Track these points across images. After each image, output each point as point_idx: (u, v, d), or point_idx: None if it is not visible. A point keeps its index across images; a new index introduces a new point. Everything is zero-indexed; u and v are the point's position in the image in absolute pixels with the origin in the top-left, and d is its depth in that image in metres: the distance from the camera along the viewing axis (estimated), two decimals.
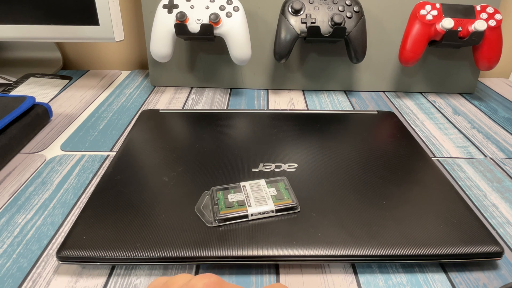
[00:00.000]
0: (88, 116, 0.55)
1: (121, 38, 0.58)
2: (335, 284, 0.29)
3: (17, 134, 0.45)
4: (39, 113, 0.50)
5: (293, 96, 0.64)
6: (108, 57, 0.77)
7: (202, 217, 0.32)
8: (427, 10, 0.56)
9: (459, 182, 0.42)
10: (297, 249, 0.29)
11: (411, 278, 0.30)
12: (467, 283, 0.30)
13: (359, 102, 0.62)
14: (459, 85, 0.67)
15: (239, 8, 0.54)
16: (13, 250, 0.32)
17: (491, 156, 0.47)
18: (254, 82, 0.66)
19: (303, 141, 0.44)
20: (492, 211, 0.38)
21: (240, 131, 0.47)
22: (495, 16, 0.55)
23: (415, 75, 0.66)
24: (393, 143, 0.45)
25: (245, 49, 0.55)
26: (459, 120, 0.57)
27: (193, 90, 0.65)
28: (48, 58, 0.73)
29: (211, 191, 0.35)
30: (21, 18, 0.56)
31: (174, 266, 0.30)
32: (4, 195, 0.38)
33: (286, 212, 0.33)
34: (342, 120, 0.50)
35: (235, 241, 0.30)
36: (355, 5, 0.56)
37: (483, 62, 0.58)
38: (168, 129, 0.47)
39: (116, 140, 0.48)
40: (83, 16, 0.55)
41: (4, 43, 0.72)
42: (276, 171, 0.39)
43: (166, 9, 0.54)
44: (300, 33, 0.55)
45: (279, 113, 0.52)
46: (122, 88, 0.65)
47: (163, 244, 0.29)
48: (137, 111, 0.57)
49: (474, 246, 0.30)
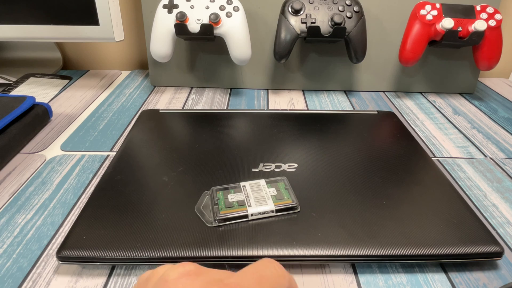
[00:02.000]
0: (88, 116, 0.55)
1: (121, 38, 0.58)
2: (335, 284, 0.29)
3: (17, 134, 0.45)
4: (39, 113, 0.50)
5: (293, 96, 0.64)
6: (108, 57, 0.77)
7: (202, 217, 0.32)
8: (427, 10, 0.56)
9: (459, 182, 0.42)
10: (297, 249, 0.29)
11: (411, 278, 0.30)
12: (467, 283, 0.30)
13: (359, 102, 0.62)
14: (459, 85, 0.67)
15: (239, 8, 0.54)
16: (13, 250, 0.32)
17: (491, 156, 0.47)
18: (254, 82, 0.66)
19: (303, 141, 0.44)
20: (492, 211, 0.38)
21: (240, 131, 0.47)
22: (495, 16, 0.55)
23: (415, 75, 0.66)
24: (393, 143, 0.45)
25: (245, 49, 0.55)
26: (459, 120, 0.57)
27: (193, 90, 0.65)
28: (48, 58, 0.73)
29: (211, 191, 0.35)
30: (21, 18, 0.56)
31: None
32: (4, 195, 0.38)
33: (286, 212, 0.33)
34: (342, 120, 0.50)
35: (235, 241, 0.30)
36: (355, 5, 0.56)
37: (483, 62, 0.58)
38: (168, 129, 0.47)
39: (116, 140, 0.48)
40: (83, 16, 0.55)
41: (4, 43, 0.72)
42: (276, 171, 0.39)
43: (166, 9, 0.54)
44: (300, 33, 0.55)
45: (279, 113, 0.52)
46: (122, 88, 0.65)
47: (163, 244, 0.29)
48: (137, 111, 0.57)
49: (474, 246, 0.30)
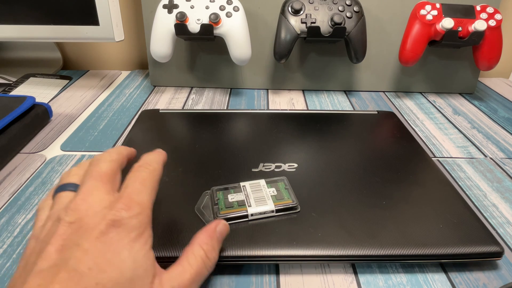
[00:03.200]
0: (88, 116, 0.55)
1: (121, 38, 0.58)
2: (335, 284, 0.29)
3: (17, 134, 0.45)
4: (39, 113, 0.50)
5: (293, 96, 0.64)
6: (108, 57, 0.77)
7: (202, 217, 0.32)
8: (427, 10, 0.56)
9: (459, 182, 0.42)
10: (297, 249, 0.29)
11: (411, 278, 0.30)
12: (467, 283, 0.30)
13: (359, 102, 0.62)
14: (459, 85, 0.67)
15: (239, 8, 0.54)
16: (13, 250, 0.32)
17: (491, 156, 0.47)
18: (254, 82, 0.66)
19: (303, 141, 0.44)
20: (492, 211, 0.38)
21: (240, 131, 0.47)
22: (495, 16, 0.55)
23: (415, 75, 0.66)
24: (393, 143, 0.45)
25: (245, 49, 0.55)
26: (459, 120, 0.57)
27: (193, 90, 0.65)
28: (48, 58, 0.73)
29: (211, 191, 0.35)
30: (21, 18, 0.56)
31: None
32: (4, 195, 0.38)
33: (286, 212, 0.33)
34: (342, 120, 0.50)
35: (235, 241, 0.30)
36: (355, 5, 0.56)
37: (483, 62, 0.58)
38: (168, 129, 0.47)
39: (116, 140, 0.48)
40: (83, 16, 0.55)
41: (4, 43, 0.72)
42: (276, 171, 0.39)
43: (166, 9, 0.54)
44: (300, 33, 0.55)
45: (279, 113, 0.52)
46: (122, 88, 0.65)
47: (163, 244, 0.29)
48: (137, 111, 0.57)
49: (474, 246, 0.30)
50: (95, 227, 0.21)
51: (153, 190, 0.25)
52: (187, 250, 0.25)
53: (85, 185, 0.24)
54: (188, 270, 0.24)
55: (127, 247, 0.21)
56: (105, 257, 0.20)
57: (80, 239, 0.21)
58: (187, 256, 0.25)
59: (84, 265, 0.20)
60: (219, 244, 0.27)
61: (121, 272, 0.20)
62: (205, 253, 0.25)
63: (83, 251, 0.20)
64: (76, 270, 0.19)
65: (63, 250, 0.20)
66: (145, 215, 0.23)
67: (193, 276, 0.24)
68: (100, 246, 0.20)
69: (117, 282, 0.20)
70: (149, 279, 0.22)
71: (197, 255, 0.25)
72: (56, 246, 0.20)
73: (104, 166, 0.25)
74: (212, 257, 0.26)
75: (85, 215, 0.22)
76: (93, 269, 0.20)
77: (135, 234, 0.22)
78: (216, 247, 0.26)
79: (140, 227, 0.22)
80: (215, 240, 0.26)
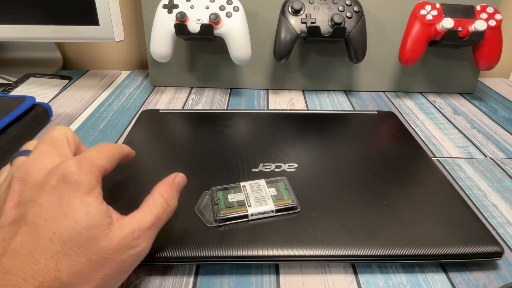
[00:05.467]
0: (88, 116, 0.55)
1: (121, 38, 0.58)
2: (335, 284, 0.29)
3: (17, 134, 0.45)
4: (39, 113, 0.50)
5: (293, 96, 0.64)
6: (108, 57, 0.77)
7: (202, 217, 0.32)
8: (427, 10, 0.56)
9: (459, 182, 0.42)
10: (297, 249, 0.29)
11: (411, 278, 0.30)
12: (467, 283, 0.30)
13: (359, 102, 0.62)
14: (459, 85, 0.67)
15: (239, 8, 0.54)
16: None
17: (491, 156, 0.47)
18: (254, 82, 0.66)
19: (303, 141, 0.44)
20: (492, 211, 0.38)
21: (240, 131, 0.47)
22: (495, 16, 0.55)
23: (415, 75, 0.66)
24: (393, 143, 0.45)
25: (245, 49, 0.55)
26: (459, 120, 0.57)
27: (193, 90, 0.65)
28: (48, 58, 0.73)
29: (211, 191, 0.35)
30: (21, 18, 0.56)
31: (174, 266, 0.30)
32: None
33: (286, 212, 0.33)
34: (342, 120, 0.50)
35: (235, 241, 0.30)
36: (355, 5, 0.56)
37: (483, 62, 0.58)
38: (168, 129, 0.47)
39: (116, 140, 0.48)
40: (83, 16, 0.55)
41: (4, 43, 0.72)
42: (276, 171, 0.39)
43: (166, 9, 0.54)
44: (300, 33, 0.55)
45: (279, 113, 0.52)
46: (122, 88, 0.65)
47: (163, 244, 0.29)
48: (137, 111, 0.57)
49: (474, 246, 0.30)
50: (47, 183, 0.23)
51: (109, 161, 0.27)
52: (147, 199, 0.26)
53: (37, 148, 0.25)
54: (149, 215, 0.25)
55: (79, 199, 0.22)
56: (59, 209, 0.22)
57: (34, 195, 0.22)
58: (147, 203, 0.26)
59: (41, 218, 0.21)
60: (177, 194, 0.28)
61: (75, 221, 0.22)
62: (165, 201, 0.27)
63: (38, 206, 0.22)
64: (34, 223, 0.21)
65: (20, 206, 0.22)
66: (95, 174, 0.24)
67: (153, 220, 0.25)
68: (53, 199, 0.22)
69: (73, 230, 0.21)
70: (104, 225, 0.23)
71: (158, 202, 0.26)
72: (12, 203, 0.22)
73: (56, 133, 0.27)
74: (171, 204, 0.27)
75: (35, 171, 0.23)
76: (49, 221, 0.21)
77: (86, 189, 0.23)
78: (175, 196, 0.28)
79: (90, 183, 0.23)
80: (174, 189, 0.28)
